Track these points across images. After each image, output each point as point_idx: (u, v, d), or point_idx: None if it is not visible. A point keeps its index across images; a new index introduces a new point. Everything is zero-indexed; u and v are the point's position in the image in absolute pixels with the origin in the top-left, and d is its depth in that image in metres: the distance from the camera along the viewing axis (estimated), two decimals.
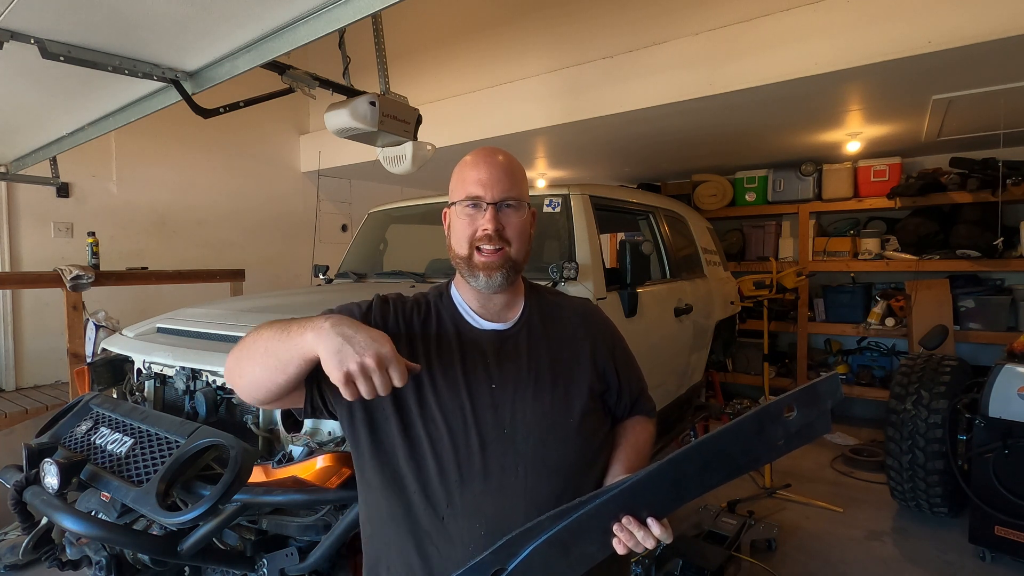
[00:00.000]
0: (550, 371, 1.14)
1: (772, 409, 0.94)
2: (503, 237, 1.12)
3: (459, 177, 1.16)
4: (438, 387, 1.10)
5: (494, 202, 1.11)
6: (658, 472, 0.95)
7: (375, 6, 1.61)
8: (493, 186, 1.12)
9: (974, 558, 3.02)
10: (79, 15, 1.74)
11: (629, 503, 0.94)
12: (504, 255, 1.12)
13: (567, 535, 0.94)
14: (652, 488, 0.95)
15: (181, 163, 5.14)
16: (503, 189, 1.12)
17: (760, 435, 0.94)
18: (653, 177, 6.53)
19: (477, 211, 1.12)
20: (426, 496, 1.06)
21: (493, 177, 1.12)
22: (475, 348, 1.14)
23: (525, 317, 1.19)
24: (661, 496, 0.95)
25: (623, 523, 0.93)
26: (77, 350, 3.37)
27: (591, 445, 1.14)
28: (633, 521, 0.94)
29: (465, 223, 1.13)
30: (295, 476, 1.59)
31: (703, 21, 3.35)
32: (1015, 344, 3.12)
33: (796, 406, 0.94)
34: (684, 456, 0.95)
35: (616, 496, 0.94)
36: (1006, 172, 4.33)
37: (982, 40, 2.57)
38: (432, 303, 1.21)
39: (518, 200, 1.14)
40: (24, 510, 1.74)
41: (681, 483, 0.95)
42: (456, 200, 1.15)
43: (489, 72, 4.37)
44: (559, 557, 0.94)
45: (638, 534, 0.93)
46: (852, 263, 5.27)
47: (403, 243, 3.53)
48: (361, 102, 2.33)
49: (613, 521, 0.94)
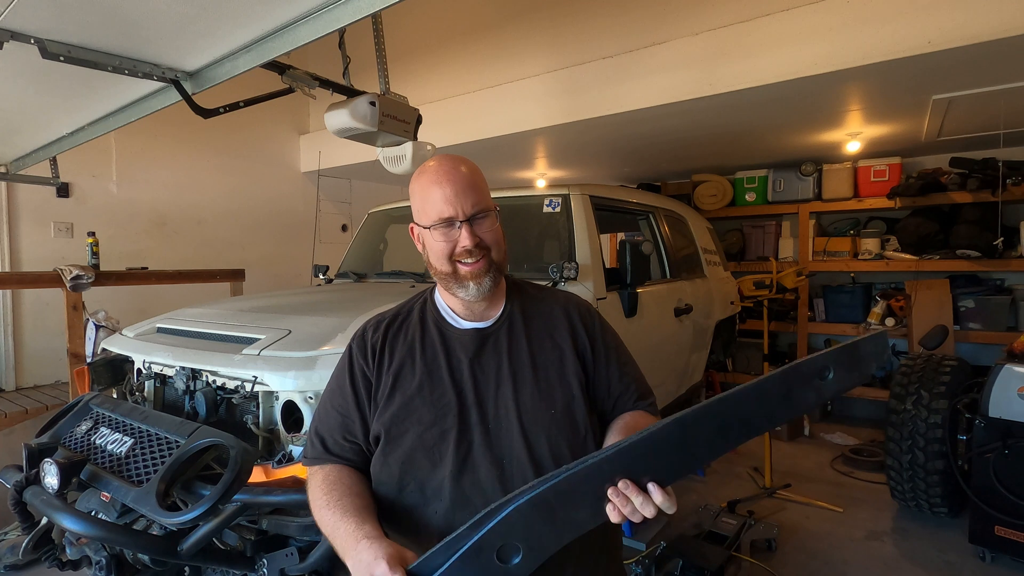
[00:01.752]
0: (531, 365, 1.16)
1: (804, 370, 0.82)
2: (481, 247, 1.14)
3: (424, 197, 1.14)
4: (424, 389, 1.14)
5: (467, 218, 1.12)
6: (663, 433, 0.84)
7: (375, 6, 1.61)
8: (462, 202, 1.12)
9: (974, 558, 3.02)
10: (79, 15, 1.74)
11: (628, 466, 0.84)
12: (487, 262, 1.15)
13: (553, 497, 0.84)
14: (655, 451, 0.84)
15: (181, 163, 5.14)
16: (472, 203, 1.13)
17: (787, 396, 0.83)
18: (653, 177, 6.53)
19: (451, 228, 1.13)
20: (419, 493, 1.10)
21: (459, 192, 1.12)
22: (458, 347, 1.18)
23: (506, 314, 1.22)
24: (665, 460, 0.84)
25: (619, 487, 0.86)
26: (77, 350, 3.37)
27: (577, 435, 1.15)
28: (631, 486, 0.85)
29: (442, 242, 1.14)
30: (295, 476, 1.59)
31: (703, 21, 3.35)
32: (1015, 344, 3.12)
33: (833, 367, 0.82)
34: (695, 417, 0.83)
35: (613, 457, 0.84)
36: (1006, 172, 4.33)
37: (982, 40, 2.57)
38: (416, 310, 1.26)
39: (487, 209, 1.15)
40: (24, 510, 1.74)
41: (689, 447, 0.84)
42: (428, 224, 1.14)
43: (489, 72, 4.37)
44: (543, 522, 0.84)
45: (636, 500, 0.85)
46: (852, 263, 5.27)
47: (403, 243, 3.53)
48: (361, 102, 2.33)
49: (608, 485, 0.85)
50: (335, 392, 1.23)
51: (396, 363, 1.18)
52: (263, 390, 1.79)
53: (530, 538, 0.85)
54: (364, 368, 1.20)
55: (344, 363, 1.24)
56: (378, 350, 1.20)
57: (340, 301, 2.53)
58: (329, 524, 1.07)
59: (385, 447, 1.14)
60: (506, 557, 0.85)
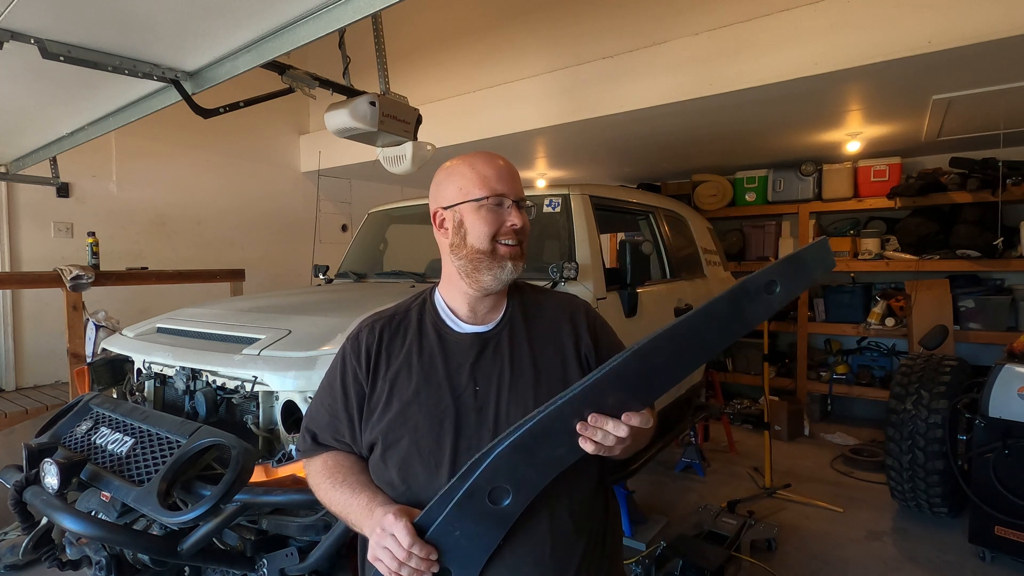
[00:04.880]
0: (532, 369, 1.16)
1: (750, 287, 0.86)
2: (524, 232, 1.17)
3: (472, 174, 1.15)
4: (421, 395, 1.12)
5: (517, 200, 1.16)
6: (622, 366, 0.88)
7: (375, 6, 1.61)
8: (513, 185, 1.17)
9: (974, 558, 3.02)
10: (79, 15, 1.74)
11: (595, 400, 0.89)
12: (523, 248, 1.18)
13: (530, 439, 0.90)
14: (618, 383, 0.88)
15: (181, 163, 5.14)
16: (520, 190, 1.19)
17: (738, 315, 0.86)
18: (653, 177, 6.53)
19: (500, 208, 1.15)
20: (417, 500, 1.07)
21: (511, 176, 1.18)
22: (458, 352, 1.16)
23: (507, 317, 1.21)
24: (630, 390, 0.89)
25: (589, 421, 0.91)
26: (77, 350, 3.37)
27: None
28: (600, 417, 0.91)
29: (489, 219, 1.14)
30: (295, 476, 1.59)
31: (703, 21, 3.35)
32: (1015, 344, 3.12)
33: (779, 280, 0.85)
34: (651, 346, 0.87)
35: (579, 394, 0.89)
36: (1006, 172, 4.33)
37: (982, 40, 2.57)
38: (414, 311, 1.24)
39: (527, 201, 1.20)
40: (24, 510, 1.74)
41: (650, 376, 0.88)
42: (479, 196, 1.14)
43: (489, 72, 4.37)
44: (525, 462, 0.91)
45: (607, 426, 0.90)
46: (852, 263, 5.27)
47: (403, 243, 3.53)
48: (361, 102, 2.33)
49: (577, 420, 0.90)
50: (326, 391, 1.23)
51: (393, 368, 1.16)
52: (263, 390, 1.79)
53: (515, 479, 0.91)
54: (356, 370, 1.19)
55: (337, 363, 1.23)
56: (373, 353, 1.19)
57: (340, 301, 2.52)
58: (340, 503, 1.10)
59: (382, 453, 1.12)
60: (497, 499, 0.92)
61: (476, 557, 0.95)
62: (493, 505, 0.93)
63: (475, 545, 0.95)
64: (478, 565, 0.96)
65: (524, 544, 1.05)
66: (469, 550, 0.95)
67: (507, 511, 0.93)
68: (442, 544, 0.94)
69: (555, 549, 1.07)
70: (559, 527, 1.08)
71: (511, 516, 0.94)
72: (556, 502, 1.08)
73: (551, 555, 1.07)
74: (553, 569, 1.07)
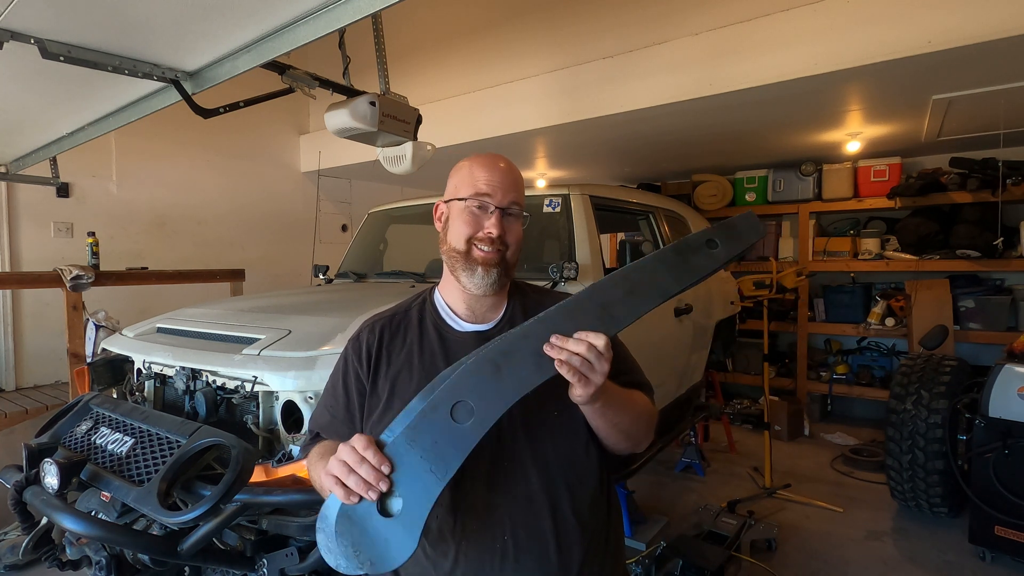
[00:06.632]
0: None
1: (692, 242, 0.99)
2: (503, 241, 1.15)
3: (467, 174, 1.18)
4: None
5: (501, 206, 1.15)
6: (581, 298, 0.97)
7: (375, 6, 1.61)
8: (503, 190, 1.16)
9: (974, 558, 3.02)
10: (79, 15, 1.74)
11: (558, 326, 0.95)
12: (501, 256, 1.15)
13: (497, 356, 0.95)
14: (580, 313, 0.96)
15: (181, 163, 5.14)
16: (511, 198, 1.17)
17: (685, 263, 0.98)
18: (653, 177, 6.53)
19: (483, 212, 1.15)
20: None
21: (503, 182, 1.16)
22: (459, 351, 1.15)
23: (507, 317, 1.21)
24: (589, 319, 0.95)
25: (552, 341, 0.93)
26: (77, 350, 3.37)
27: (579, 436, 1.14)
28: (562, 337, 0.94)
29: (468, 221, 1.15)
30: (295, 476, 1.59)
31: (703, 21, 3.35)
32: (1015, 344, 3.12)
33: (719, 240, 0.98)
34: (606, 283, 0.98)
35: (543, 318, 0.96)
36: (1006, 172, 4.33)
37: (982, 40, 2.57)
38: (414, 311, 1.24)
39: (520, 209, 1.18)
40: (24, 510, 1.74)
41: (609, 307, 0.96)
42: (464, 196, 1.16)
43: (489, 72, 4.37)
44: (490, 379, 0.94)
45: (569, 345, 0.93)
46: (852, 263, 5.27)
47: (403, 243, 3.53)
48: (361, 102, 2.33)
49: (543, 343, 0.94)
50: (329, 392, 1.24)
51: (394, 368, 1.17)
52: (263, 390, 1.79)
53: (478, 394, 0.94)
54: (358, 370, 1.19)
55: (339, 365, 1.24)
56: (374, 353, 1.19)
57: (340, 301, 2.53)
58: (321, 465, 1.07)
59: None
60: (460, 417, 0.93)
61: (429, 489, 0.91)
62: (456, 422, 0.93)
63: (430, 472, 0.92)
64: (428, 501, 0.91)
65: (528, 541, 1.06)
66: (423, 476, 0.91)
67: (468, 431, 0.93)
68: (398, 463, 0.92)
69: (559, 547, 1.07)
70: (563, 525, 1.08)
71: (470, 440, 0.93)
72: (560, 500, 1.08)
73: (555, 552, 1.07)
74: (557, 567, 1.07)
